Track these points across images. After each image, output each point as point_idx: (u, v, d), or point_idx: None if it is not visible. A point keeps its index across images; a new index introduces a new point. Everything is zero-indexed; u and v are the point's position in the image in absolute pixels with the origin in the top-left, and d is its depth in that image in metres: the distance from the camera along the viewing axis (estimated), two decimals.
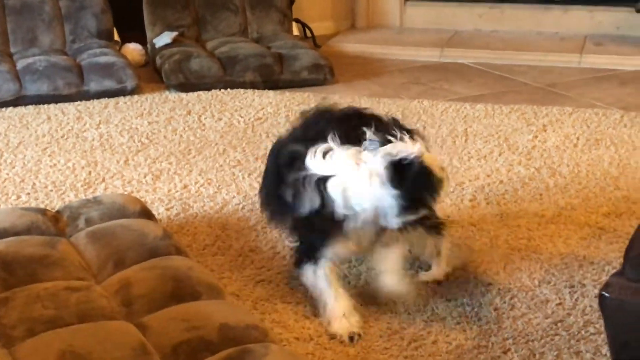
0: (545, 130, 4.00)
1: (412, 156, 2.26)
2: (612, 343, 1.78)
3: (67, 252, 2.43)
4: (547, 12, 5.74)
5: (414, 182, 2.27)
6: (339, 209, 2.33)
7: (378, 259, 2.56)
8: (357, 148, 2.35)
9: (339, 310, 2.46)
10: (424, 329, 2.46)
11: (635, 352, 1.75)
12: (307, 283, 2.54)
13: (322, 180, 2.33)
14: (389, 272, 2.53)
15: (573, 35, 5.61)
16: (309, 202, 2.34)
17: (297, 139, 2.54)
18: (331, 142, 2.37)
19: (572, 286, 2.66)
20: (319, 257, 2.47)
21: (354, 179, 2.31)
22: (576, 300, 2.59)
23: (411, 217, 2.35)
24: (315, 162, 2.36)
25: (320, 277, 2.49)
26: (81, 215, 2.67)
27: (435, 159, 2.33)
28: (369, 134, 2.36)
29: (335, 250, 2.46)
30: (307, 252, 2.50)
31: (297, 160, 2.42)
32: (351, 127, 2.45)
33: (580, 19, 5.66)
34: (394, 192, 2.26)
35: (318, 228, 2.41)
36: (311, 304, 2.58)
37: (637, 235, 1.77)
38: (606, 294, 1.73)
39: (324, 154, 2.37)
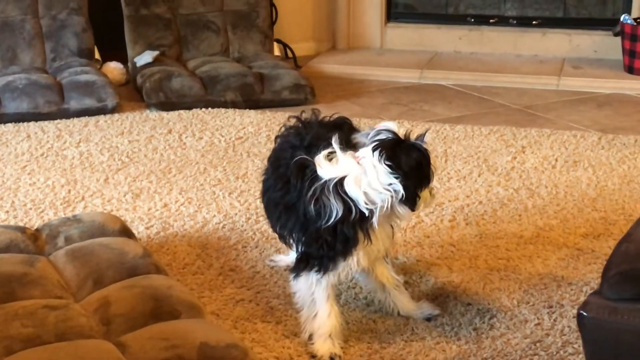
0: (524, 152, 4.04)
1: (392, 133, 2.33)
2: None
3: (46, 270, 2.42)
4: (526, 35, 5.80)
5: (415, 159, 2.31)
6: (362, 206, 2.31)
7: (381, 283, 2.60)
8: (352, 152, 2.37)
9: (327, 329, 2.45)
10: (404, 349, 2.46)
11: None
12: (301, 293, 2.48)
13: (339, 185, 2.32)
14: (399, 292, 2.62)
15: (552, 58, 5.68)
16: (334, 210, 2.32)
17: (296, 147, 2.51)
18: (335, 146, 2.37)
19: (550, 306, 2.68)
20: (330, 269, 2.42)
21: (363, 173, 2.31)
22: (555, 320, 2.60)
23: (418, 194, 2.35)
24: (325, 168, 2.35)
25: (320, 290, 2.45)
26: (60, 233, 2.66)
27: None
28: (361, 133, 2.42)
29: (354, 260, 2.42)
30: (317, 263, 2.42)
31: (306, 170, 2.39)
32: (343, 132, 2.49)
33: (559, 42, 5.73)
34: (395, 170, 2.28)
35: (345, 237, 2.36)
36: (291, 323, 2.58)
37: (614, 254, 1.79)
38: (584, 313, 1.74)
39: (329, 160, 2.36)
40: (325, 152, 2.37)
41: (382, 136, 2.33)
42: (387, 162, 2.28)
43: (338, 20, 6.03)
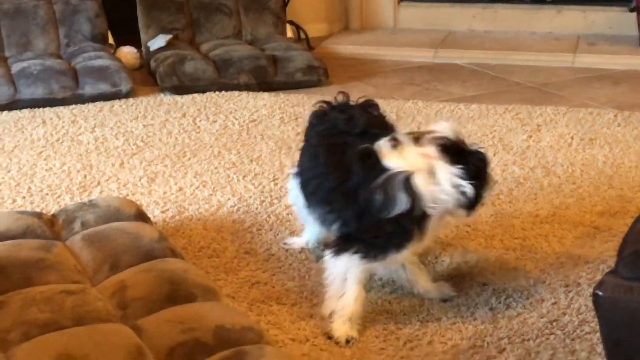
0: (539, 130, 4.02)
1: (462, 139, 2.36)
2: (606, 341, 1.79)
3: (63, 255, 2.44)
4: (540, 12, 5.76)
5: (480, 165, 2.35)
6: (428, 204, 2.32)
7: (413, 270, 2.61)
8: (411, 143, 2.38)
9: (349, 311, 2.44)
10: (420, 330, 2.47)
11: (628, 349, 1.76)
12: (334, 271, 2.47)
13: (408, 179, 2.31)
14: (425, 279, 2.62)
15: (566, 35, 5.63)
16: (399, 203, 2.30)
17: (348, 133, 2.50)
18: (401, 137, 2.38)
19: (567, 285, 2.67)
20: (378, 258, 2.41)
21: (435, 172, 2.32)
22: (571, 299, 2.60)
23: (483, 197, 2.39)
24: (392, 160, 2.34)
25: (355, 273, 2.44)
26: (77, 218, 2.67)
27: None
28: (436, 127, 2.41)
29: (402, 254, 2.44)
30: (364, 249, 2.40)
31: (369, 158, 2.37)
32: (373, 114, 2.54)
33: (574, 18, 5.68)
34: (460, 171, 2.30)
35: (403, 230, 2.36)
36: (307, 305, 2.59)
37: (630, 233, 1.78)
38: (600, 293, 1.74)
39: (394, 149, 2.37)
40: (387, 142, 2.36)
41: (442, 139, 2.34)
42: (458, 165, 2.30)
43: (351, 0, 5.99)
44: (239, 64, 4.80)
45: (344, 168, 2.43)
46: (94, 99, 4.57)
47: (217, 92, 4.66)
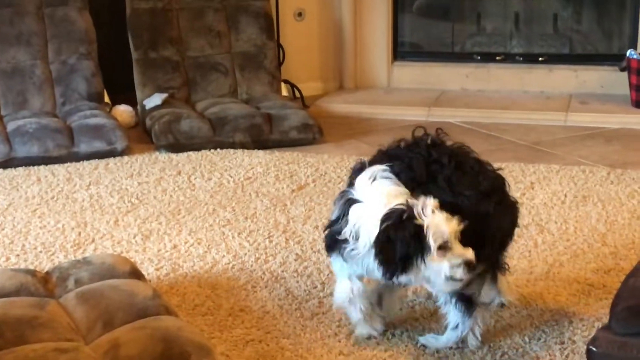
0: (532, 188, 4.04)
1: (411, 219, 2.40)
2: None
3: (56, 313, 2.42)
4: (532, 71, 5.83)
5: (391, 246, 2.40)
6: (346, 233, 2.48)
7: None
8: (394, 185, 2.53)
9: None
10: None
11: None
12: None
13: (351, 202, 2.54)
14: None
15: (558, 94, 5.70)
16: (334, 213, 2.58)
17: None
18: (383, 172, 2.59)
19: (562, 342, 2.66)
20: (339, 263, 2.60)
21: (369, 210, 2.46)
22: (566, 356, 2.59)
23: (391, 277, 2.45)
24: (358, 183, 2.57)
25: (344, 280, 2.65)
26: (70, 275, 2.67)
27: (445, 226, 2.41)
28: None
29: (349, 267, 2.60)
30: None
31: (356, 174, 2.62)
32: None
33: (565, 78, 5.75)
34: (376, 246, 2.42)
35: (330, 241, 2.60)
36: None
37: (622, 290, 1.79)
38: (593, 348, 1.74)
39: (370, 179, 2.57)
40: (371, 170, 2.58)
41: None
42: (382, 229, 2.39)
43: (345, 59, 6.07)
44: (235, 122, 4.84)
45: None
46: (89, 157, 4.59)
47: (212, 150, 4.69)
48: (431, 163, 2.58)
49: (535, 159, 4.53)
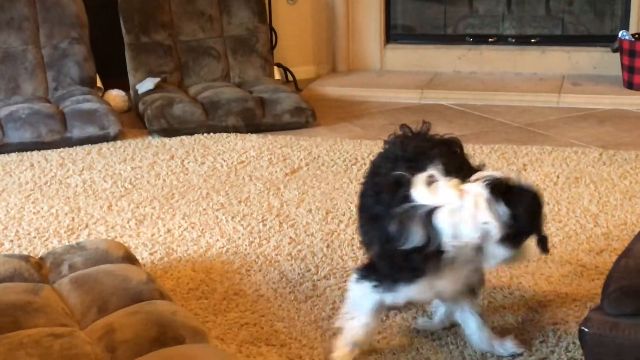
0: (525, 169, 4.05)
1: (516, 180, 2.23)
2: None
3: (51, 298, 2.43)
4: (525, 53, 5.83)
5: (525, 204, 2.21)
6: (447, 240, 2.20)
7: (463, 317, 2.54)
8: (457, 180, 2.27)
9: (355, 338, 2.44)
10: None
11: None
12: (353, 295, 2.46)
13: (429, 213, 2.22)
14: (478, 330, 2.53)
15: (551, 75, 5.70)
16: (415, 236, 2.21)
17: (397, 159, 2.45)
18: (435, 173, 2.28)
19: (555, 323, 2.68)
20: (388, 290, 2.36)
21: (461, 208, 2.20)
22: (559, 337, 2.60)
23: (517, 247, 2.24)
24: (420, 193, 2.25)
25: (370, 301, 2.41)
26: (64, 261, 2.67)
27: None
28: (483, 172, 2.30)
29: (418, 291, 2.35)
30: (378, 278, 2.37)
31: (401, 187, 2.29)
32: (452, 156, 2.44)
33: (558, 59, 5.75)
34: (503, 214, 2.17)
35: (414, 265, 2.26)
36: (295, 346, 2.58)
37: (614, 270, 1.80)
38: (585, 329, 1.75)
39: (428, 184, 2.27)
40: (425, 175, 2.27)
41: (489, 178, 2.23)
42: (498, 201, 2.17)
43: (337, 43, 6.06)
44: (227, 106, 4.83)
45: (378, 192, 2.39)
46: (82, 142, 4.58)
47: (205, 134, 4.69)
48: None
49: (528, 141, 4.54)
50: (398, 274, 2.32)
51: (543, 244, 2.26)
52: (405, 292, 2.36)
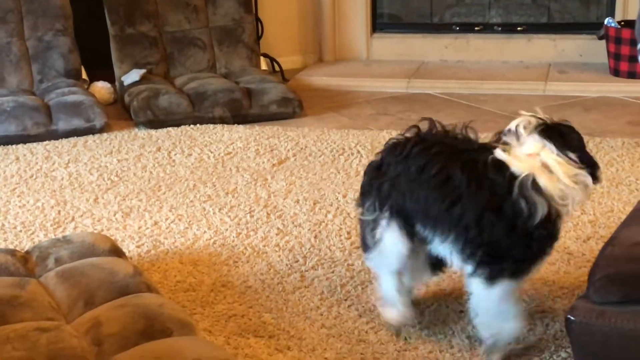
0: None
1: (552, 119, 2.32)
2: None
3: (37, 292, 2.42)
4: (511, 41, 5.83)
5: (578, 142, 2.32)
6: (560, 202, 2.23)
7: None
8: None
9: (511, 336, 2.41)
10: (397, 359, 2.46)
11: None
12: (487, 306, 2.38)
13: (534, 182, 2.22)
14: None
15: (537, 63, 5.70)
16: (540, 207, 2.20)
17: (458, 150, 2.36)
18: (513, 143, 2.30)
19: (542, 311, 2.69)
20: (528, 271, 2.32)
21: (550, 168, 2.24)
22: (547, 325, 2.61)
23: (598, 183, 2.33)
24: (516, 166, 2.24)
25: (514, 298, 2.37)
26: (50, 255, 2.66)
27: None
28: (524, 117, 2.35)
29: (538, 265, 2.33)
30: (513, 267, 2.30)
31: (503, 167, 2.26)
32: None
33: (544, 47, 5.75)
34: (576, 158, 2.24)
35: (547, 233, 2.26)
36: (284, 337, 2.58)
37: (600, 258, 1.80)
38: (572, 318, 1.75)
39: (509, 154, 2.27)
40: (500, 149, 2.28)
41: (531, 125, 2.28)
42: (565, 150, 2.24)
43: (324, 32, 6.05)
44: (214, 97, 4.81)
45: (484, 185, 2.27)
46: (67, 134, 4.56)
47: (191, 126, 4.67)
48: None
49: None
50: (538, 250, 2.28)
51: (595, 172, 2.30)
52: (537, 269, 2.33)
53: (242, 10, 5.43)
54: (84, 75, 5.20)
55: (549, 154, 2.24)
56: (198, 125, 4.68)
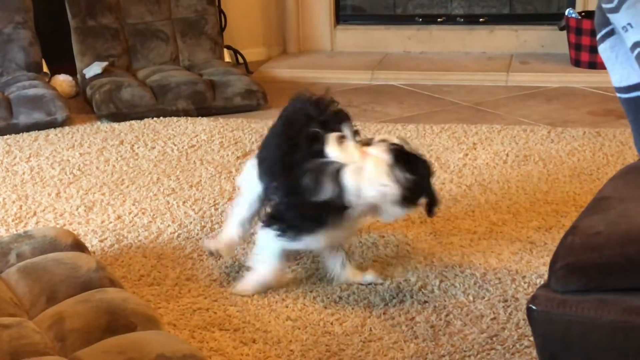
0: (475, 148, 4.08)
1: (411, 148, 2.58)
2: (541, 354, 1.82)
3: None
4: (473, 32, 5.86)
5: (420, 170, 2.56)
6: (351, 197, 2.52)
7: (333, 258, 2.81)
8: (363, 141, 2.60)
9: (263, 279, 2.75)
10: (362, 350, 2.48)
11: None
12: (260, 242, 2.76)
13: (338, 171, 2.52)
14: (343, 267, 2.81)
15: (500, 54, 5.74)
16: (326, 190, 2.51)
17: (311, 118, 2.65)
18: (346, 133, 2.58)
19: (505, 300, 2.71)
20: (291, 238, 2.64)
21: (364, 169, 2.52)
22: (510, 314, 2.64)
23: (411, 207, 2.60)
24: (333, 150, 2.53)
25: (276, 247, 2.70)
26: (12, 250, 2.62)
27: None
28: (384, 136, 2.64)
29: (317, 240, 2.66)
30: (282, 227, 2.64)
31: (316, 142, 2.56)
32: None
33: (506, 38, 5.79)
34: (402, 179, 2.51)
35: (320, 217, 2.56)
36: (249, 330, 2.58)
37: (561, 247, 1.82)
38: (533, 307, 1.77)
39: (339, 143, 2.56)
40: (337, 134, 2.56)
41: (391, 144, 2.56)
42: (397, 165, 2.50)
43: (287, 24, 6.03)
44: (177, 89, 4.78)
45: (293, 144, 2.61)
46: (28, 128, 4.50)
47: (155, 119, 4.64)
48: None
49: (478, 120, 4.57)
50: (303, 224, 2.60)
51: (431, 207, 2.61)
52: (307, 241, 2.66)
53: (204, 1, 5.40)
54: (45, 69, 5.13)
55: (376, 159, 2.53)
56: (161, 118, 4.65)
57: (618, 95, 2.35)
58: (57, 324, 2.19)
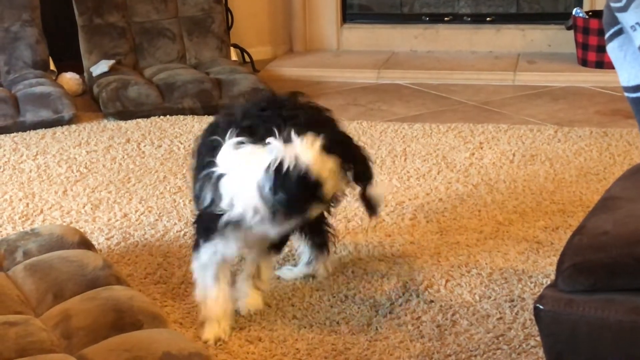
0: (481, 148, 4.07)
1: (292, 162, 2.22)
2: (548, 354, 1.82)
3: (5, 286, 2.39)
4: (480, 31, 5.85)
5: (288, 188, 2.23)
6: (223, 206, 2.36)
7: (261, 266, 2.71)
8: (257, 146, 2.31)
9: (214, 313, 2.55)
10: (368, 349, 2.47)
11: None
12: (196, 272, 2.60)
13: (218, 178, 2.35)
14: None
15: (506, 53, 5.73)
16: (206, 199, 2.40)
17: (230, 125, 2.42)
18: (245, 139, 2.33)
19: (512, 300, 2.71)
20: (197, 249, 2.55)
21: (240, 178, 2.32)
22: (516, 314, 2.63)
23: (285, 225, 2.39)
24: (222, 158, 2.35)
25: (210, 271, 2.56)
26: (19, 248, 2.63)
27: (323, 162, 2.25)
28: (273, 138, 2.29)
29: (218, 249, 2.50)
30: (198, 240, 2.57)
31: (215, 151, 2.39)
32: (271, 120, 2.37)
33: (513, 37, 5.78)
34: (269, 197, 2.25)
35: (206, 225, 2.47)
36: (255, 328, 2.58)
37: (568, 247, 1.82)
38: (540, 306, 1.77)
39: (236, 149, 2.34)
40: (235, 140, 2.33)
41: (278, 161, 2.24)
42: (272, 176, 2.23)
43: (294, 23, 6.03)
44: (183, 88, 4.79)
45: (199, 155, 2.53)
46: (35, 126, 4.51)
47: (161, 117, 4.65)
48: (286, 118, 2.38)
49: (484, 119, 4.57)
50: (200, 233, 2.52)
51: (371, 208, 2.40)
52: (208, 250, 2.50)
53: (211, 0, 5.40)
54: (52, 67, 5.14)
55: (252, 170, 2.28)
56: (168, 116, 4.65)
57: (626, 94, 2.34)
58: (64, 322, 2.20)
